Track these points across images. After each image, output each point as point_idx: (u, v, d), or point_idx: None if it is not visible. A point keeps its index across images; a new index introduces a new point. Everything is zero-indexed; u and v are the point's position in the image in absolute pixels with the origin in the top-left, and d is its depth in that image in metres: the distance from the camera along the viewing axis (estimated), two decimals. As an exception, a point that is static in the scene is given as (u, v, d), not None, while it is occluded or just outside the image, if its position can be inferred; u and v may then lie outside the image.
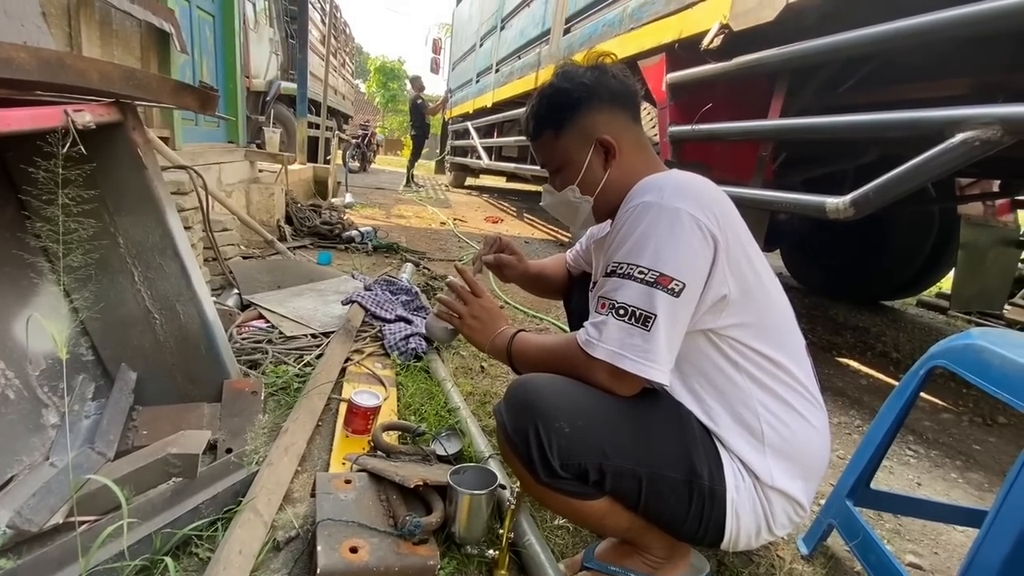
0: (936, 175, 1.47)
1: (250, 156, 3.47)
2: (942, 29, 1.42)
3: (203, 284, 1.30)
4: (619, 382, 0.79)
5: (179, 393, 1.28)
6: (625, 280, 0.77)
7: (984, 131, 1.33)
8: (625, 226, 0.80)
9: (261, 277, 2.24)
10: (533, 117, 0.95)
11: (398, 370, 1.67)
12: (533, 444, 0.78)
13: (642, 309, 0.75)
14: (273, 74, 6.61)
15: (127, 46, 2.18)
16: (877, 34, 1.58)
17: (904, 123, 1.56)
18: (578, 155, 0.91)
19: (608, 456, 0.78)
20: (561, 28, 4.07)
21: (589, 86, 0.89)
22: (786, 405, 0.83)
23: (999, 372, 0.81)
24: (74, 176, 0.95)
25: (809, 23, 1.91)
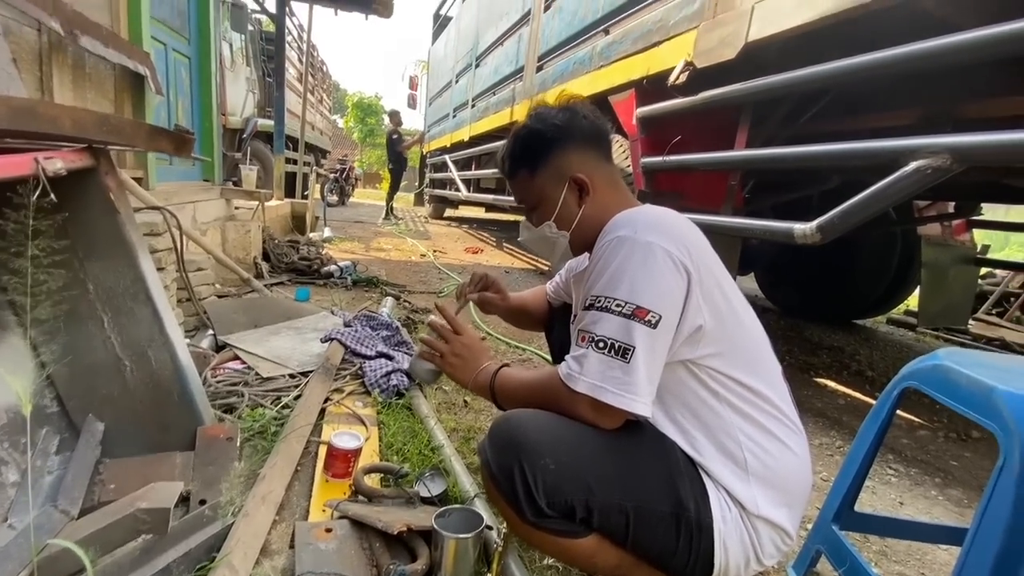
0: (895, 201, 1.54)
1: (226, 194, 3.45)
2: (887, 65, 1.52)
3: (176, 328, 1.27)
4: (602, 415, 0.80)
5: (150, 443, 1.23)
6: (603, 313, 0.79)
7: (935, 159, 1.41)
8: (601, 260, 0.82)
9: (237, 316, 2.19)
10: (509, 157, 0.98)
11: (379, 408, 1.64)
12: (518, 482, 0.77)
13: (621, 342, 0.77)
14: (250, 111, 6.66)
15: (100, 89, 2.17)
16: (829, 70, 1.68)
17: (861, 153, 1.64)
18: (553, 193, 0.94)
19: (594, 492, 0.78)
20: (534, 65, 4.21)
21: (561, 127, 0.93)
22: (767, 433, 0.84)
23: (966, 392, 0.84)
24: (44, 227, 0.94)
25: (768, 60, 2.01)
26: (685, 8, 2.36)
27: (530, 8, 4.37)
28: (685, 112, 2.38)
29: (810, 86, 1.83)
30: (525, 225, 1.03)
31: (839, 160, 1.79)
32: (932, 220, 3.25)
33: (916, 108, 2.20)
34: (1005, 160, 1.37)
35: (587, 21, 3.31)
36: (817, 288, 3.99)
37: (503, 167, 1.01)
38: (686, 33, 2.32)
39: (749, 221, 2.08)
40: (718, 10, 2.16)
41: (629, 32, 2.80)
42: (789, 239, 1.80)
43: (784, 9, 1.83)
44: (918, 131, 2.12)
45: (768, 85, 1.93)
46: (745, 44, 1.97)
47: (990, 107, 2.00)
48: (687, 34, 2.31)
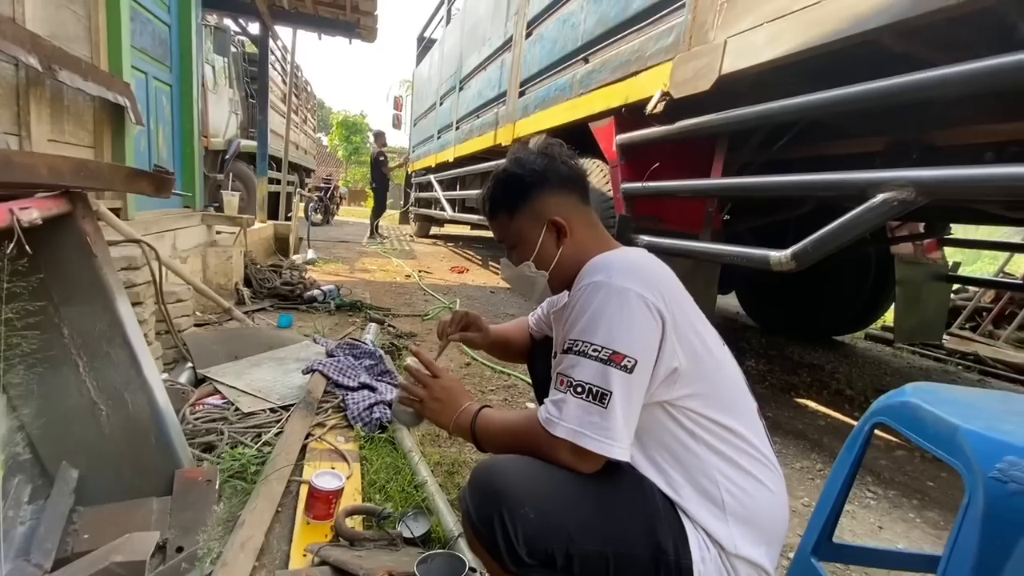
0: (864, 231, 1.59)
1: (207, 220, 3.42)
2: (854, 100, 1.58)
3: (154, 369, 1.25)
4: (581, 460, 0.80)
5: (126, 488, 1.21)
6: (581, 358, 0.80)
7: (900, 192, 1.46)
8: (578, 305, 0.84)
9: (217, 348, 2.17)
10: (489, 199, 1.01)
11: (362, 443, 1.63)
12: (499, 533, 0.77)
13: (598, 386, 0.78)
14: (233, 133, 6.63)
15: (79, 121, 2.16)
16: (799, 104, 1.74)
17: (830, 184, 1.70)
18: (531, 234, 0.97)
19: (574, 540, 0.78)
20: (516, 90, 4.28)
21: (540, 172, 0.96)
22: (744, 472, 0.85)
23: (932, 430, 0.86)
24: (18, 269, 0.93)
25: (742, 91, 2.08)
26: (661, 40, 2.43)
27: (512, 35, 4.46)
28: (663, 140, 2.44)
29: (782, 118, 1.89)
30: (506, 263, 1.06)
31: (810, 190, 1.85)
32: (904, 240, 3.35)
33: (884, 136, 2.28)
34: (965, 194, 1.43)
35: (567, 49, 3.38)
36: (798, 306, 4.07)
37: (484, 208, 1.03)
38: (662, 64, 2.39)
39: (727, 248, 2.12)
40: (692, 43, 2.23)
41: (608, 61, 2.87)
42: (765, 266, 1.85)
43: (755, 44, 1.89)
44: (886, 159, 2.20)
45: (742, 116, 1.99)
46: (719, 76, 2.04)
47: (955, 135, 2.08)
48: (663, 65, 2.38)
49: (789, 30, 1.77)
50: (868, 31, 1.54)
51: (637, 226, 2.63)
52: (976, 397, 0.98)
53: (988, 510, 0.74)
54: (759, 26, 1.90)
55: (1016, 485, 0.73)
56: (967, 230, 4.73)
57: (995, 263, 6.27)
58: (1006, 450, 0.75)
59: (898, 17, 1.46)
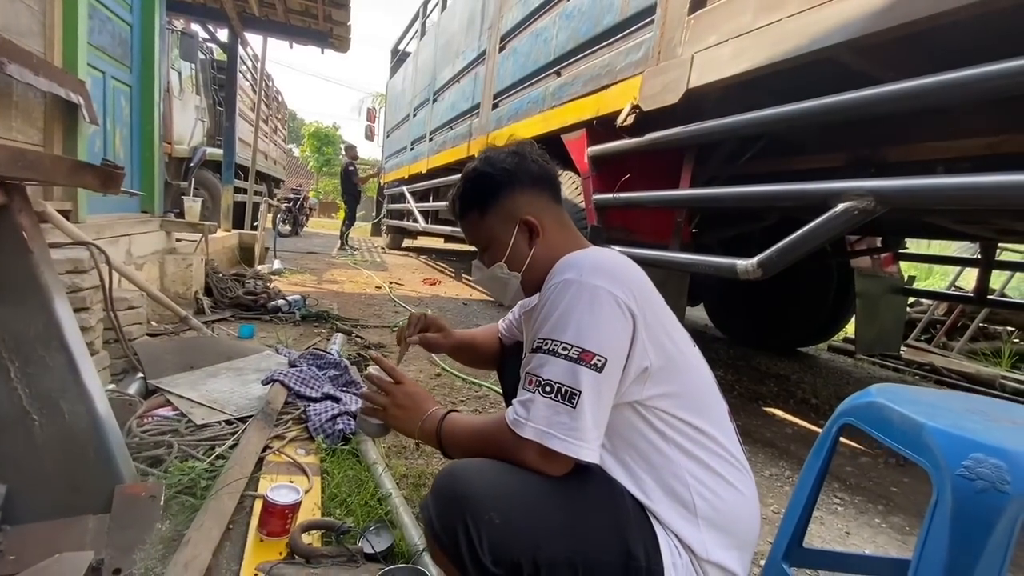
0: (827, 239, 1.63)
1: (166, 226, 3.28)
2: (813, 114, 1.64)
3: (94, 376, 1.17)
4: (549, 462, 0.77)
5: (60, 505, 1.11)
6: (550, 356, 0.78)
7: (860, 201, 1.51)
8: (548, 303, 0.82)
9: (171, 358, 2.05)
10: (459, 199, 0.99)
11: (324, 455, 1.55)
12: (462, 541, 0.73)
13: (567, 386, 0.76)
14: (198, 140, 6.46)
15: (28, 118, 2.05)
16: (761, 117, 1.80)
17: (793, 194, 1.74)
18: (503, 234, 0.95)
19: (542, 547, 0.74)
20: (490, 103, 4.31)
21: (510, 171, 0.94)
22: (715, 474, 0.84)
23: (899, 429, 0.86)
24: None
25: (709, 105, 2.13)
26: (631, 55, 2.48)
27: (486, 48, 4.50)
28: (633, 152, 2.47)
29: (746, 131, 1.94)
30: (477, 265, 1.03)
31: (774, 200, 1.89)
32: (863, 253, 3.47)
33: (843, 152, 2.37)
34: (921, 204, 1.48)
35: (540, 63, 3.42)
36: (763, 318, 4.16)
37: (453, 208, 1.01)
38: (632, 78, 2.44)
39: (696, 257, 2.15)
40: (661, 58, 2.28)
41: (579, 75, 2.91)
42: (732, 275, 1.87)
43: (721, 59, 1.95)
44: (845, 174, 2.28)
45: (708, 129, 2.03)
46: (687, 90, 2.08)
47: (909, 151, 2.18)
48: (633, 79, 2.42)
49: (752, 47, 1.83)
50: (826, 48, 1.60)
51: (608, 236, 2.64)
52: (939, 397, 1.00)
53: (957, 508, 0.74)
54: (724, 42, 1.95)
55: (983, 482, 0.73)
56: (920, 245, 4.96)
57: (946, 278, 6.59)
58: (972, 447, 0.75)
59: (853, 35, 1.52)
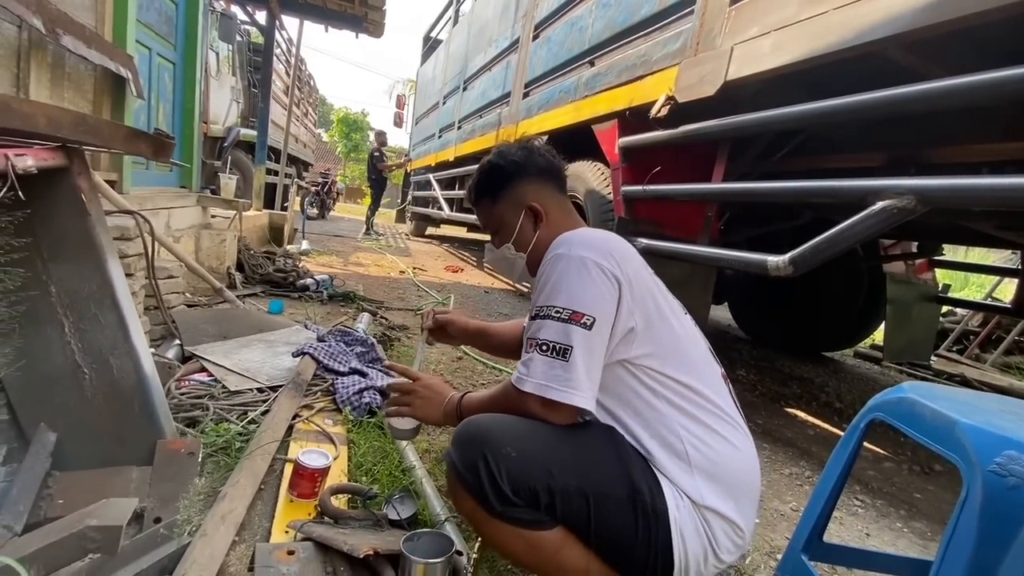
0: (863, 238, 1.60)
1: (203, 202, 3.38)
2: (855, 110, 1.60)
3: (142, 336, 1.22)
4: (551, 411, 0.86)
5: (105, 456, 1.17)
6: (545, 320, 0.87)
7: (900, 200, 1.48)
8: (543, 276, 0.92)
9: (206, 327, 2.13)
10: (474, 187, 1.12)
11: (350, 426, 1.60)
12: (483, 473, 0.81)
13: (560, 343, 0.85)
14: (233, 121, 6.60)
15: (79, 89, 2.13)
16: (800, 112, 1.76)
17: (831, 191, 1.71)
18: (511, 219, 1.07)
19: (555, 477, 0.82)
20: (520, 92, 4.30)
21: (519, 163, 1.06)
22: (706, 427, 0.89)
23: (930, 424, 0.86)
24: (4, 224, 0.90)
25: (746, 98, 2.10)
26: (668, 45, 2.45)
27: (519, 37, 4.48)
28: (665, 144, 2.45)
29: (783, 126, 1.91)
30: (489, 247, 1.15)
31: (811, 197, 1.86)
32: (896, 258, 3.38)
33: (883, 151, 2.31)
34: (965, 204, 1.44)
35: (574, 52, 3.40)
36: (788, 320, 4.09)
37: (470, 196, 1.14)
38: (668, 69, 2.41)
39: (725, 252, 2.13)
40: (699, 49, 2.25)
41: (614, 65, 2.89)
42: (763, 271, 1.85)
43: (761, 52, 1.91)
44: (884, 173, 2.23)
45: (744, 122, 2.00)
46: (724, 82, 2.05)
47: (953, 153, 2.11)
48: (669, 70, 2.40)
49: (795, 39, 1.79)
50: (873, 42, 1.56)
51: (635, 229, 2.63)
52: (973, 397, 0.98)
53: (986, 504, 0.74)
54: (765, 34, 1.92)
55: (1015, 479, 0.73)
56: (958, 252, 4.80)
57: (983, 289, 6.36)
58: (1005, 444, 0.75)
59: (902, 29, 1.48)
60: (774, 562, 1.31)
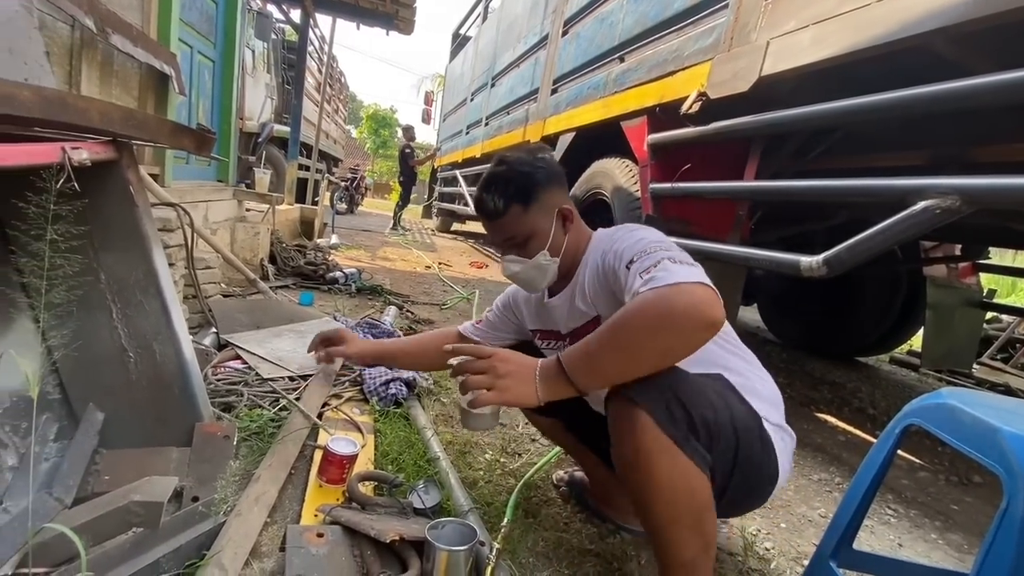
0: (902, 239, 1.55)
1: (238, 195, 3.49)
2: (898, 106, 1.54)
3: (183, 323, 1.28)
4: (714, 302, 0.79)
5: (147, 436, 1.23)
6: (651, 254, 0.89)
7: (943, 200, 1.42)
8: (617, 248, 0.97)
9: (241, 316, 2.20)
10: (501, 196, 1.05)
11: (377, 416, 1.63)
12: (674, 405, 0.81)
13: (680, 258, 0.87)
14: (267, 117, 6.76)
15: (125, 86, 2.22)
16: (840, 108, 1.71)
17: (870, 190, 1.66)
18: (544, 225, 1.07)
19: (716, 409, 0.85)
20: (549, 88, 4.28)
21: (546, 169, 1.07)
22: (747, 362, 1.04)
23: (970, 431, 0.83)
24: (64, 212, 0.95)
25: (780, 95, 2.05)
26: (701, 40, 2.41)
27: (548, 33, 4.46)
28: (696, 141, 2.41)
29: (821, 123, 1.85)
30: (511, 259, 1.10)
31: (848, 196, 1.81)
32: (938, 261, 3.25)
33: (926, 150, 2.22)
34: (1013, 204, 1.38)
35: (603, 48, 3.37)
36: (820, 323, 3.98)
37: (492, 206, 1.06)
38: (700, 64, 2.37)
39: (756, 251, 2.09)
40: (733, 44, 2.20)
41: (644, 61, 2.85)
42: (795, 272, 1.81)
43: (799, 46, 1.86)
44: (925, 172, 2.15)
45: (780, 119, 1.95)
46: (759, 78, 2.01)
47: (1001, 152, 2.02)
48: (701, 65, 2.36)
49: (836, 32, 1.74)
50: (919, 35, 1.51)
51: (663, 227, 2.59)
52: (1016, 405, 0.94)
53: (1028, 515, 0.71)
54: (804, 28, 1.86)
55: (1060, 490, 0.70)
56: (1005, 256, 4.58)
57: (1031, 296, 6.06)
58: (1050, 454, 0.72)
59: (951, 22, 1.42)
60: (800, 568, 1.28)
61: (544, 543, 1.19)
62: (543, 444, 1.67)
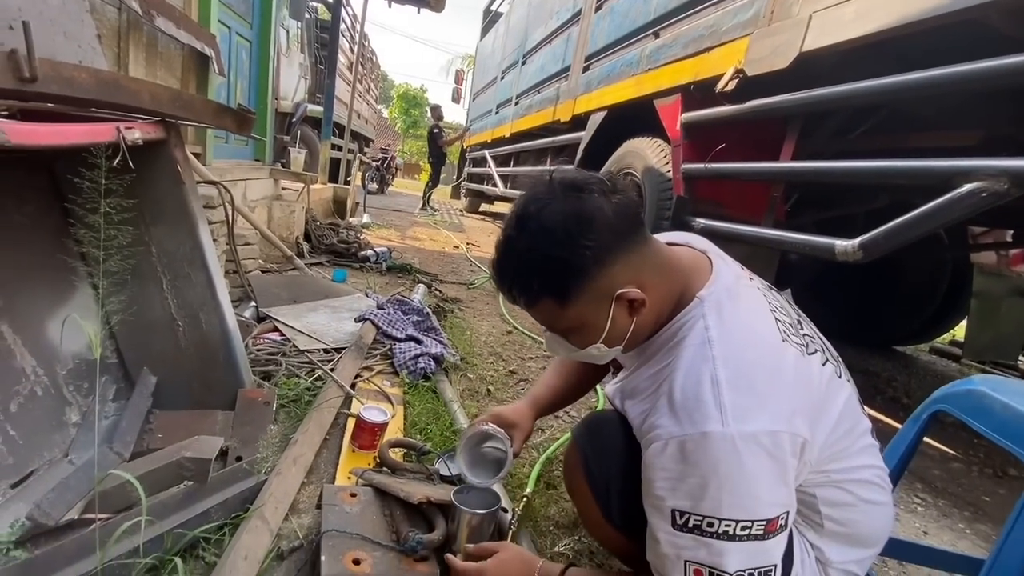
0: (944, 223, 1.50)
1: (275, 174, 3.59)
2: (949, 83, 1.47)
3: (226, 295, 1.35)
4: None
5: (195, 399, 1.32)
6: (725, 543, 0.63)
7: (991, 183, 1.36)
8: (688, 465, 0.65)
9: (278, 291, 2.30)
10: (521, 292, 0.74)
11: (406, 388, 1.70)
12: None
13: (760, 567, 0.65)
14: (300, 97, 6.87)
15: (169, 67, 2.31)
16: (887, 84, 1.63)
17: (912, 171, 1.60)
18: (596, 318, 0.74)
19: None
20: (580, 65, 4.21)
21: (594, 247, 0.68)
22: (851, 495, 0.78)
23: (1000, 419, 0.82)
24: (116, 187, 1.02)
25: (821, 71, 1.97)
26: (739, 15, 2.33)
27: (581, 8, 4.37)
28: (731, 120, 2.35)
29: (866, 100, 1.78)
30: (556, 342, 0.81)
31: (890, 177, 1.74)
32: (987, 248, 3.10)
33: (977, 130, 2.11)
34: (1068, 188, 1.31)
35: (638, 23, 3.29)
36: (857, 310, 3.86)
37: (509, 296, 0.76)
38: (738, 40, 2.29)
39: (789, 234, 2.04)
40: (774, 18, 2.12)
41: (680, 36, 2.77)
42: (830, 255, 1.77)
43: (843, 19, 1.79)
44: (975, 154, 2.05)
45: (822, 96, 1.88)
46: (799, 54, 1.94)
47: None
48: (739, 41, 2.28)
49: (882, 6, 1.66)
50: (972, 7, 1.43)
51: (695, 209, 2.56)
52: (1052, 394, 0.92)
53: (1054, 502, 0.71)
54: (847, 1, 1.78)
55: (1090, 479, 0.69)
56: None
57: (1091, 287, 5.70)
58: (1082, 442, 0.71)
59: (1011, -8, 1.34)
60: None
61: (564, 515, 1.23)
62: (565, 421, 1.71)
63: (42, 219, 1.15)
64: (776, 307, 0.82)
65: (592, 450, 0.85)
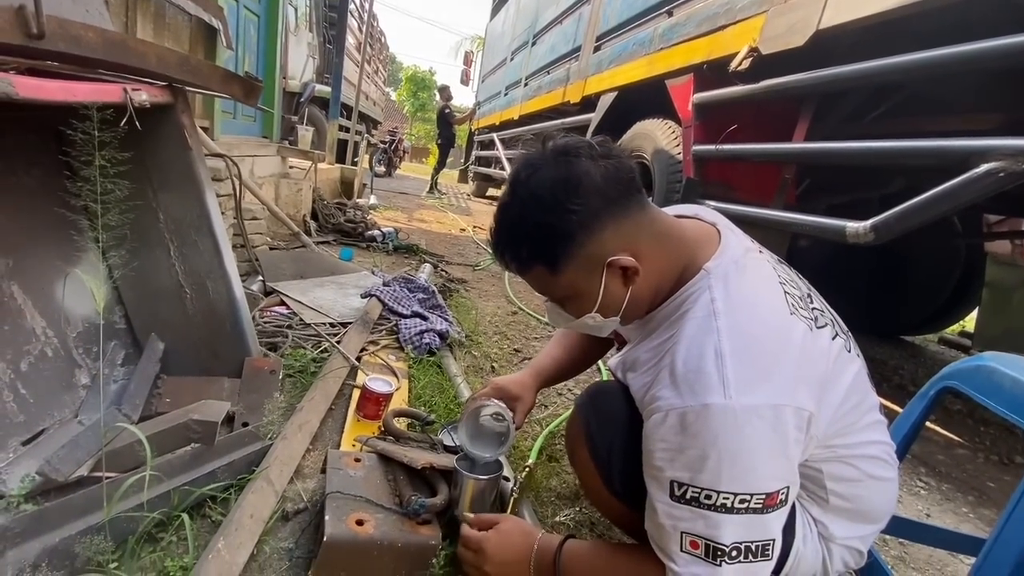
0: (959, 205, 1.47)
1: (282, 152, 3.58)
2: (972, 60, 1.43)
3: (233, 264, 1.36)
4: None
5: (202, 366, 1.33)
6: (722, 515, 0.63)
7: (1010, 163, 1.33)
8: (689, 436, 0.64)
9: (285, 267, 2.31)
10: (512, 258, 0.75)
11: (411, 363, 1.71)
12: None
13: (758, 541, 0.64)
14: (308, 77, 6.82)
15: (177, 39, 2.29)
16: (907, 63, 1.59)
17: (928, 151, 1.57)
18: (588, 285, 0.73)
19: None
20: (591, 46, 4.15)
21: (580, 210, 0.68)
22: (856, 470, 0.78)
23: (1010, 394, 0.81)
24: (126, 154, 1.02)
25: (837, 50, 1.93)
26: (756, -9, 2.27)
27: (594, -14, 4.28)
28: (743, 100, 2.31)
29: (885, 79, 1.74)
30: (555, 311, 0.81)
31: (905, 158, 1.71)
32: (1003, 237, 3.05)
33: (996, 113, 2.06)
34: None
35: (651, 2, 3.23)
36: (866, 298, 3.82)
37: (503, 262, 0.77)
38: (754, 18, 2.24)
39: (799, 217, 2.02)
40: (791, -6, 2.07)
41: (694, 14, 2.72)
42: (840, 237, 1.75)
43: (863, -5, 1.74)
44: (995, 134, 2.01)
45: (839, 75, 1.84)
46: (816, 31, 1.89)
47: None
48: (755, 19, 2.23)
49: (905, -20, 1.61)
50: (1000, -19, 1.38)
51: (704, 191, 2.53)
52: (1064, 371, 0.91)
53: (1061, 477, 0.70)
54: (870, -26, 1.73)
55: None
56: (1079, 235, 4.21)
57: (1106, 280, 5.60)
58: (1093, 417, 0.70)
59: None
60: (821, 528, 1.29)
61: (565, 487, 1.24)
62: (568, 397, 1.71)
63: (51, 182, 1.15)
64: (785, 280, 0.80)
65: (595, 419, 0.86)
